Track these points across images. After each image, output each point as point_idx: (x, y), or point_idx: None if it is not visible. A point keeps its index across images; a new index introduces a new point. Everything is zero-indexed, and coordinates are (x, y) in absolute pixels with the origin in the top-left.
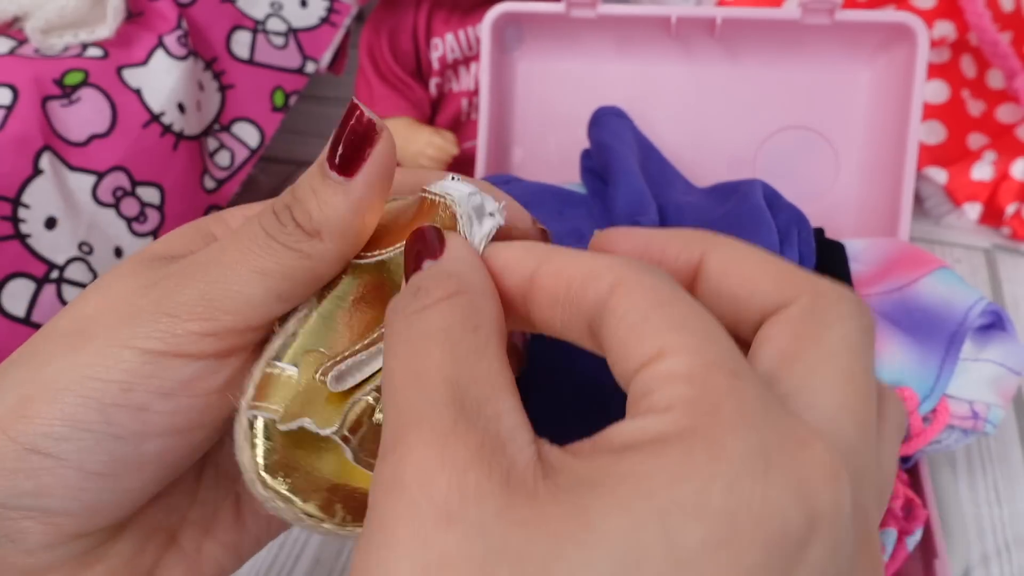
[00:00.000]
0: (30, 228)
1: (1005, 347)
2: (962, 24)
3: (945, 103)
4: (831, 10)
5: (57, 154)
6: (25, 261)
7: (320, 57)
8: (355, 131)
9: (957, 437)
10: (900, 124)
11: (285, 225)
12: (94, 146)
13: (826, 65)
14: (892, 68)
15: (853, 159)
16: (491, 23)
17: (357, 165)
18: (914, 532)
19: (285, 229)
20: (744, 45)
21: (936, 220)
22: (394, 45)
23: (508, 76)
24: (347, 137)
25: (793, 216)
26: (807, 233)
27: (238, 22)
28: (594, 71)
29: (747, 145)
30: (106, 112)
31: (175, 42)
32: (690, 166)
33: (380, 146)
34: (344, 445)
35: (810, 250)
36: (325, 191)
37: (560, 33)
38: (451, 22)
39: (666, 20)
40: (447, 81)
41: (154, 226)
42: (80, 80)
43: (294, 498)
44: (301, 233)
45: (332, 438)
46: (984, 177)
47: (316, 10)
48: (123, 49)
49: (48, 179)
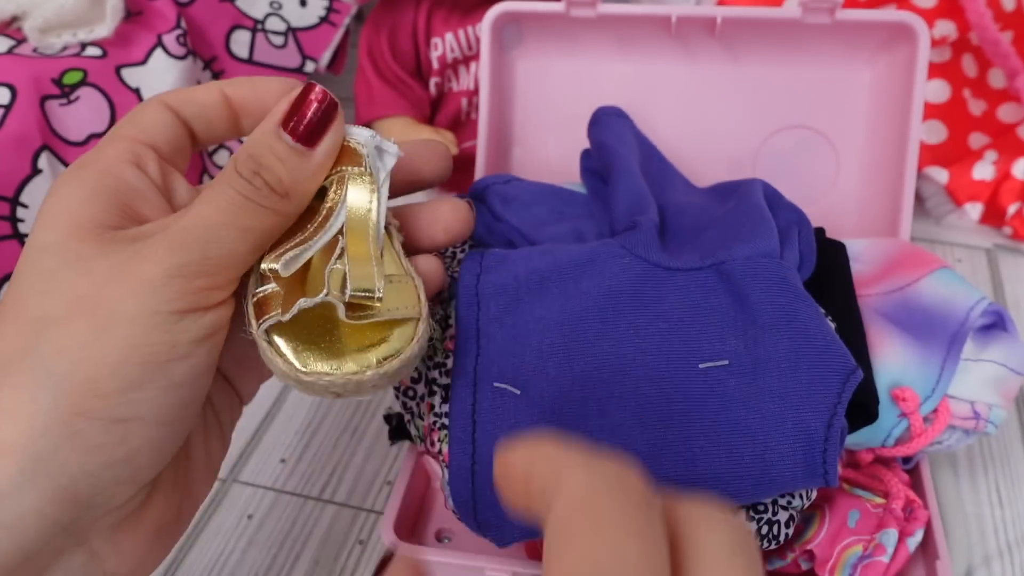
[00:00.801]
0: (29, 228)
1: (1007, 347)
2: (963, 23)
3: (946, 102)
4: (832, 9)
5: (56, 154)
6: None
7: (319, 57)
8: (321, 108)
9: (958, 437)
10: (901, 124)
11: (259, 189)
12: (92, 145)
13: (827, 65)
14: (893, 68)
15: (854, 159)
16: (491, 22)
17: (320, 138)
18: (915, 533)
19: (260, 192)
20: (744, 45)
21: (937, 220)
22: (394, 44)
23: (508, 76)
24: (314, 114)
25: (794, 216)
26: (808, 233)
27: (237, 21)
28: (594, 71)
29: (747, 145)
30: (105, 112)
31: (174, 41)
32: (690, 166)
33: (338, 121)
34: (337, 302)
35: (811, 250)
36: (292, 159)
37: (560, 32)
38: (451, 21)
39: (666, 19)
40: (447, 80)
41: None
42: (79, 79)
43: (332, 370)
44: (274, 195)
45: (327, 301)
46: (985, 177)
47: (315, 9)
48: (122, 48)
49: (47, 179)
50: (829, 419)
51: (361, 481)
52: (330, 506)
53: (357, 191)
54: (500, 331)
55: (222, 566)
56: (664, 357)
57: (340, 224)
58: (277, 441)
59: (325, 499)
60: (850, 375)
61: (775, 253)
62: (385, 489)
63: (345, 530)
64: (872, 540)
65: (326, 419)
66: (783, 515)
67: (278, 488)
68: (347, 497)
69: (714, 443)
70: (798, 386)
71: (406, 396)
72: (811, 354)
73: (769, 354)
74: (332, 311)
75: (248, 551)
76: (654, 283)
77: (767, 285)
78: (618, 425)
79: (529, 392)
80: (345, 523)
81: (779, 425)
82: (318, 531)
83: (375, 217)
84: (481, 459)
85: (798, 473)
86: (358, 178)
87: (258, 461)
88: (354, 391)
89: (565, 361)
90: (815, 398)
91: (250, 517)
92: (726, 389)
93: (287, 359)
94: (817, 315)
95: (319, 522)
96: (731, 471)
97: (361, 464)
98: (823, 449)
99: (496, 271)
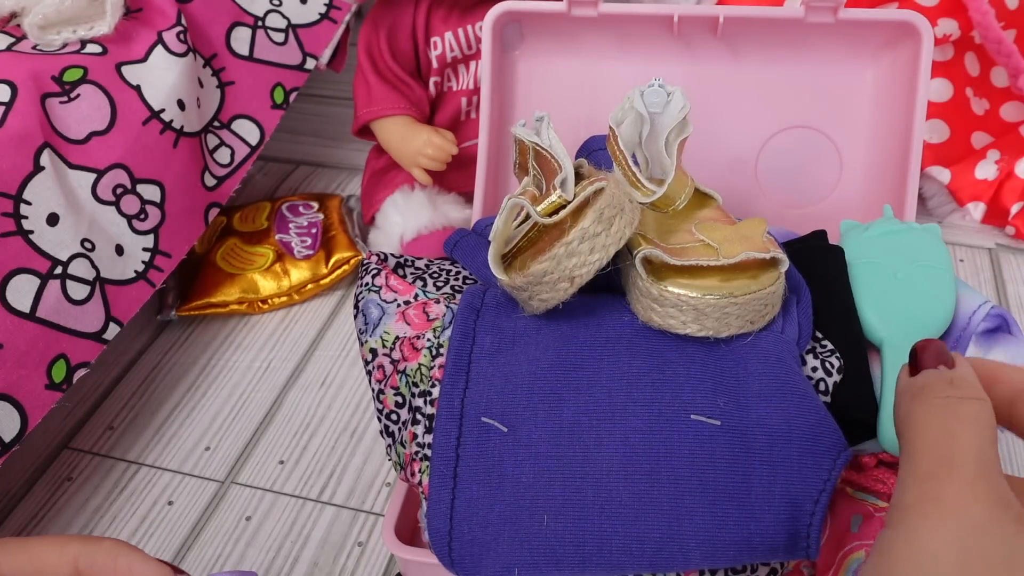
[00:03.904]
0: (32, 224)
1: (1011, 350)
2: (966, 22)
3: (949, 101)
4: (834, 8)
5: (57, 151)
6: (28, 257)
7: (320, 53)
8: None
9: None
10: (904, 123)
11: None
12: (94, 143)
13: (829, 64)
14: (896, 67)
15: (857, 159)
16: (492, 22)
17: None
18: None
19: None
20: (747, 44)
21: (939, 219)
22: (393, 43)
23: (509, 75)
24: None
25: (792, 283)
26: (806, 303)
27: (238, 18)
28: (595, 70)
29: (750, 145)
30: (105, 109)
31: (174, 38)
32: (692, 166)
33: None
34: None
35: (808, 321)
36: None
37: (561, 32)
38: (450, 21)
39: (668, 19)
40: (446, 80)
41: (154, 224)
42: (79, 77)
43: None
44: None
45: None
46: (988, 176)
47: (316, 6)
48: (122, 46)
49: (49, 176)
50: (817, 496)
51: (360, 483)
52: (329, 507)
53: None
54: (492, 367)
55: (220, 568)
56: (655, 408)
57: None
58: (275, 442)
59: (324, 501)
60: (841, 452)
61: (776, 327)
62: (384, 490)
63: (344, 532)
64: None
65: (324, 420)
66: (762, 570)
67: (276, 490)
68: (346, 499)
69: (699, 503)
70: (788, 457)
71: (389, 420)
72: (803, 427)
73: (761, 419)
74: None
75: (247, 553)
76: (654, 338)
77: (764, 357)
78: (604, 475)
79: (517, 432)
80: (344, 525)
81: (766, 494)
82: (317, 533)
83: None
84: (462, 495)
85: (780, 544)
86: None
87: (256, 462)
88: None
89: (556, 404)
90: (805, 472)
91: (248, 519)
92: (715, 447)
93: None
94: (810, 391)
95: (318, 524)
96: (714, 535)
97: (360, 466)
98: (808, 523)
99: (496, 310)
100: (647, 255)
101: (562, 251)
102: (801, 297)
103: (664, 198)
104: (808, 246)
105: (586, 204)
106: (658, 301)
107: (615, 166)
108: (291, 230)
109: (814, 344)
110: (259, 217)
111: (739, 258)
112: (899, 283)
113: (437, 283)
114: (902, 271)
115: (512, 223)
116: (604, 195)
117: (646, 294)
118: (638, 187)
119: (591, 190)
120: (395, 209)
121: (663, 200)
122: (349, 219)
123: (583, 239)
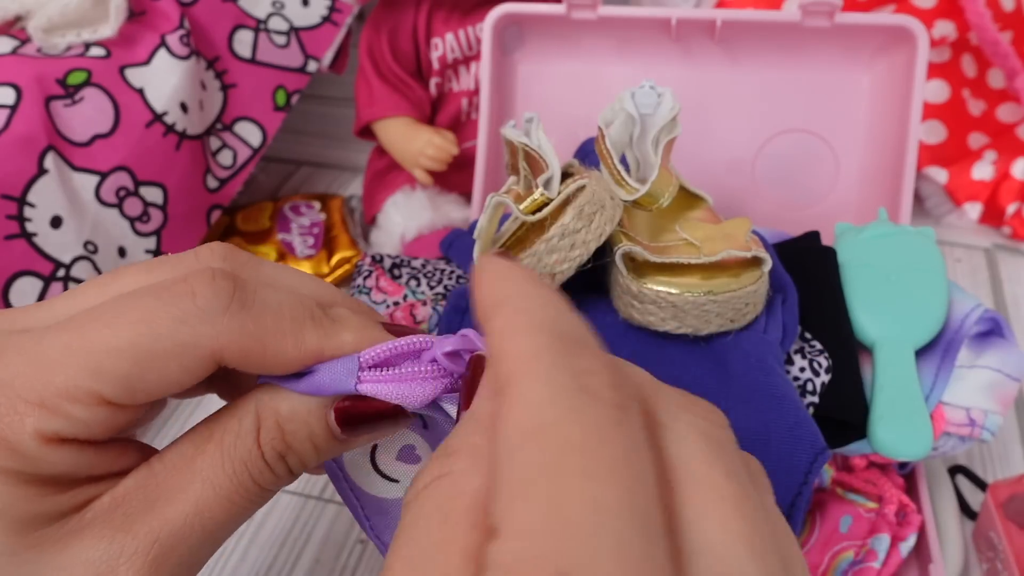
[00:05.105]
0: (36, 227)
1: (1003, 353)
2: (962, 23)
3: (945, 102)
4: (831, 12)
5: (61, 154)
6: (32, 259)
7: (322, 56)
8: (381, 414)
9: (954, 444)
10: (900, 127)
11: (279, 478)
12: (97, 146)
13: (826, 68)
14: (892, 71)
15: (853, 162)
16: (492, 24)
17: (366, 433)
18: (908, 538)
19: (279, 481)
20: (744, 47)
21: (936, 220)
22: (394, 45)
23: (509, 77)
24: (371, 415)
25: (779, 283)
26: (792, 302)
27: (240, 21)
28: (594, 72)
29: (747, 148)
30: (109, 112)
31: (177, 41)
32: (689, 167)
33: (390, 427)
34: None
35: (794, 321)
36: (327, 449)
37: (561, 34)
38: (451, 22)
39: (666, 22)
40: (447, 81)
41: (157, 226)
42: (83, 80)
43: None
44: (289, 478)
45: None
46: (985, 177)
47: (318, 9)
48: (125, 48)
49: (53, 179)
50: (793, 498)
51: None
52: (331, 505)
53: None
54: None
55: (222, 566)
56: None
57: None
58: None
59: (326, 499)
60: (819, 455)
61: (759, 327)
62: None
63: (346, 530)
64: (864, 545)
65: None
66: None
67: None
68: None
69: None
70: (766, 459)
71: None
72: (782, 429)
73: (740, 423)
74: None
75: (248, 551)
76: (638, 339)
77: (745, 358)
78: None
79: None
80: (346, 523)
81: None
82: (319, 531)
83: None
84: None
85: None
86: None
87: None
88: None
89: None
90: (780, 475)
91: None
92: None
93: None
94: (791, 392)
95: (320, 522)
96: None
97: None
98: None
99: None
100: (628, 252)
101: (542, 247)
102: (787, 297)
103: (648, 196)
104: (800, 247)
105: (568, 202)
106: (638, 298)
107: (601, 165)
108: (293, 230)
109: (802, 344)
110: (261, 217)
111: (720, 256)
112: (892, 285)
113: (431, 283)
114: (895, 274)
115: (497, 222)
116: (584, 192)
117: (626, 291)
118: (622, 185)
119: (573, 187)
120: (396, 209)
121: (647, 198)
122: (351, 219)
123: (563, 235)
